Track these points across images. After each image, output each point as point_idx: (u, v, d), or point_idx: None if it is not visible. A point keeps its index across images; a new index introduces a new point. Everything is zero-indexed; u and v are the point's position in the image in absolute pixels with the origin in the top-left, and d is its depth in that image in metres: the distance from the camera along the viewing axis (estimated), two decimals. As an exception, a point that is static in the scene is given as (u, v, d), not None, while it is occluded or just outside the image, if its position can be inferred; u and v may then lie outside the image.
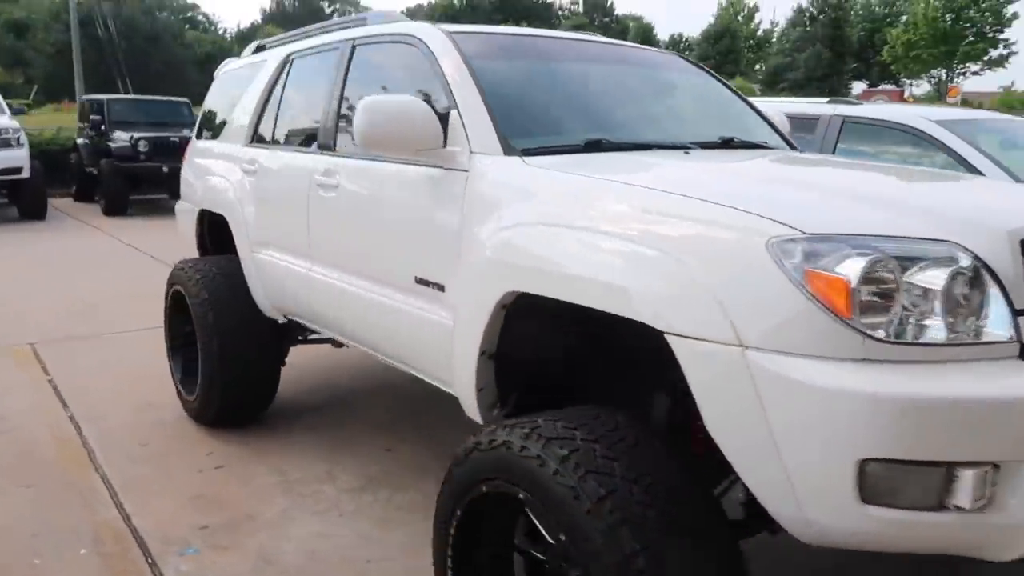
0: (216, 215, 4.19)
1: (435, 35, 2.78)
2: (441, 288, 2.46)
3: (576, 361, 2.33)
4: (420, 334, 2.57)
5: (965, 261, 1.56)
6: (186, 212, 4.63)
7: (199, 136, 4.75)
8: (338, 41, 3.40)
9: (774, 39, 58.13)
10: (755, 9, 57.60)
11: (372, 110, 2.41)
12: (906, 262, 1.55)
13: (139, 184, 13.27)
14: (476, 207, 2.32)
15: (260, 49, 4.50)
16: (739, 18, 57.71)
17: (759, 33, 59.92)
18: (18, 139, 11.66)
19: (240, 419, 4.07)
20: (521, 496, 1.84)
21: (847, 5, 52.27)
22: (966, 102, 31.16)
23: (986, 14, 45.60)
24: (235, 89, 4.42)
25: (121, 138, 13.18)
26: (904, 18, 50.04)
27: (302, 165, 3.34)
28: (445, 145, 2.45)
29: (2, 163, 11.27)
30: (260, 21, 70.05)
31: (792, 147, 3.18)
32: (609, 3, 65.50)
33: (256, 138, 3.95)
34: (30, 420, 4.19)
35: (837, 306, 1.51)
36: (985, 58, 46.80)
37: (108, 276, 8.02)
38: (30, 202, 11.95)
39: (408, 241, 2.63)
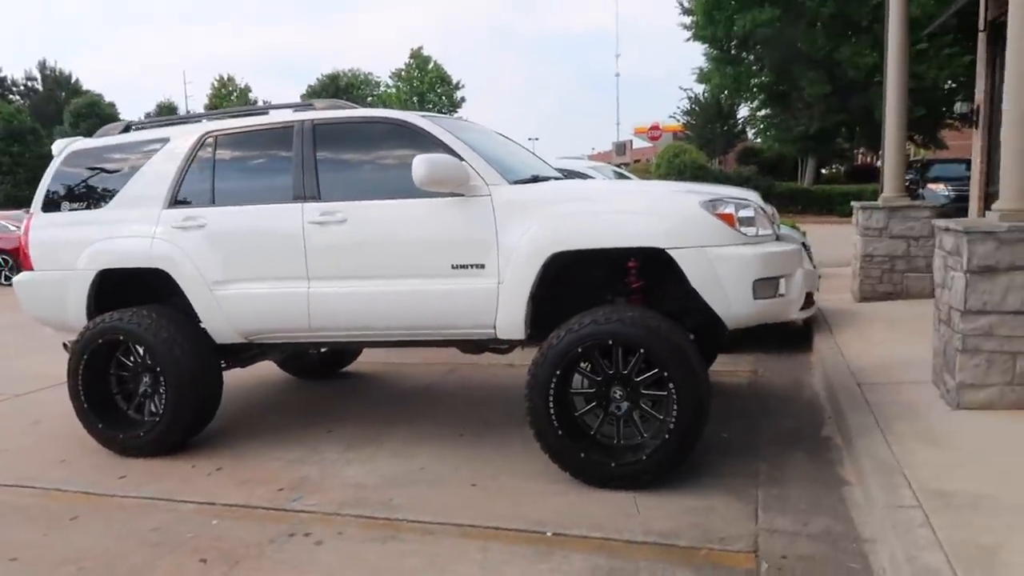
0: (128, 271, 4.75)
1: (417, 118, 4.37)
2: (481, 266, 4.08)
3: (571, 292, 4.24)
4: (465, 300, 4.11)
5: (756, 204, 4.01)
6: (57, 281, 4.91)
7: (56, 208, 5.03)
8: (289, 122, 4.59)
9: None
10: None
11: (431, 163, 3.94)
12: (742, 206, 3.91)
13: None
14: (507, 213, 4.04)
15: (127, 130, 5.12)
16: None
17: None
18: None
19: (194, 435, 4.75)
20: (610, 343, 3.73)
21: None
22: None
23: (443, 97, 55.99)
24: (111, 164, 4.98)
25: None
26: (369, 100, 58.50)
27: (283, 212, 4.43)
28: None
29: None
30: None
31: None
32: (75, 79, 61.29)
33: (179, 202, 4.72)
34: None
35: (731, 223, 3.81)
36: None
37: None
38: None
39: (442, 243, 4.14)
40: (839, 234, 14.25)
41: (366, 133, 4.54)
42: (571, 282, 4.27)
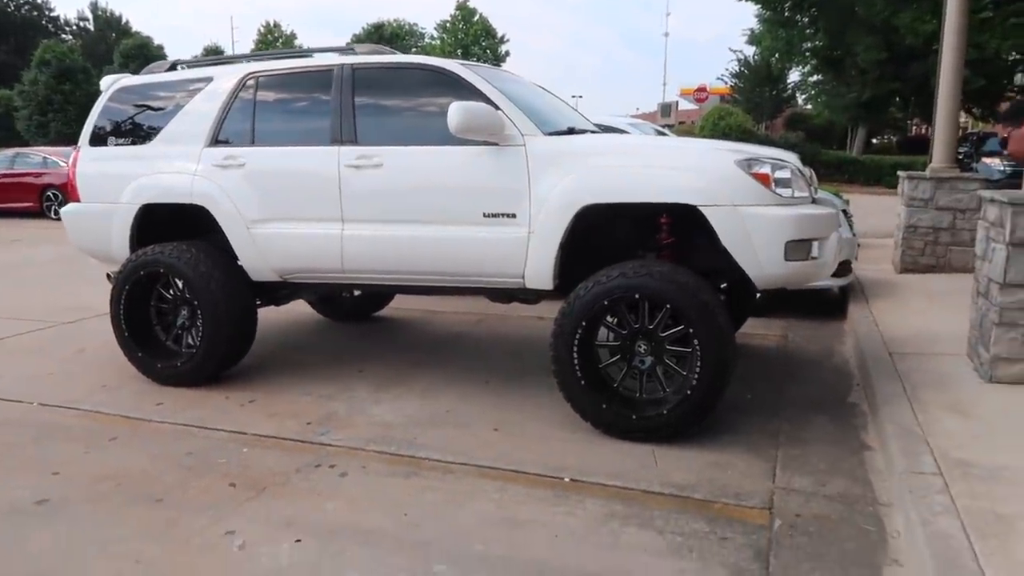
0: (170, 206, 4.86)
1: (456, 65, 4.36)
2: (512, 215, 4.10)
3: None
4: (495, 248, 4.14)
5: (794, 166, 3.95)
6: (101, 214, 5.05)
7: (102, 143, 5.15)
8: (329, 66, 4.61)
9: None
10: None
11: (467, 110, 3.94)
12: (778, 167, 3.86)
13: None
14: (540, 164, 4.04)
15: (173, 68, 5.19)
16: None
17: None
18: None
19: (228, 368, 4.90)
20: (637, 297, 3.74)
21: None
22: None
23: (487, 51, 55.49)
24: (156, 102, 5.07)
25: None
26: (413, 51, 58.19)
27: (320, 154, 4.48)
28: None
29: None
30: None
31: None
32: (125, 21, 61.88)
33: (220, 141, 4.80)
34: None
35: (767, 183, 3.76)
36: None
37: None
38: None
39: (474, 191, 4.16)
40: (885, 205, 13.96)
41: (405, 79, 4.54)
42: (602, 236, 4.27)
